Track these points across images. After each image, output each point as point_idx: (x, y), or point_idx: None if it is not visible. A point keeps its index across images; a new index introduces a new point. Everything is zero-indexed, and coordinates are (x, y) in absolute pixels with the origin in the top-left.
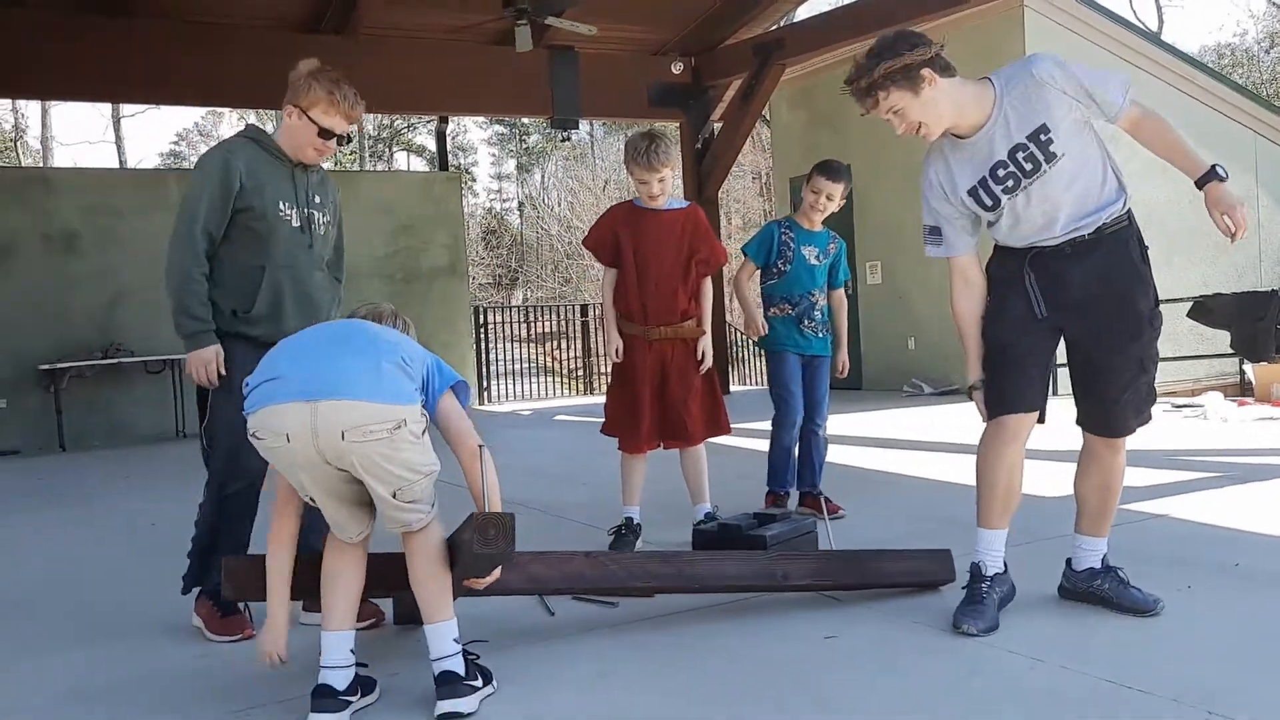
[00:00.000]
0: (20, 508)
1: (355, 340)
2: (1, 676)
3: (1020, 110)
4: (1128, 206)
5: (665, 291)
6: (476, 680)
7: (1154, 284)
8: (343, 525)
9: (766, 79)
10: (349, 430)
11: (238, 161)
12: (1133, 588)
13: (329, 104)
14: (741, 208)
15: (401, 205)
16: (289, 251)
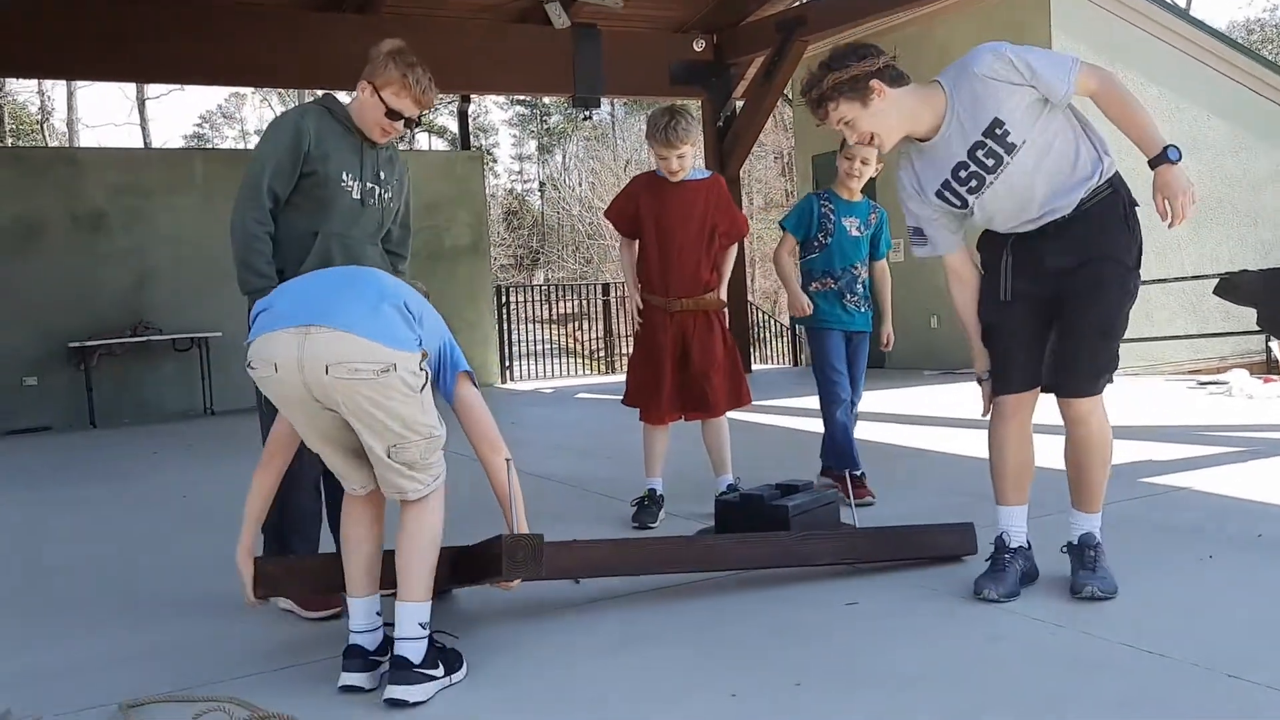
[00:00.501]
0: (54, 481)
1: (359, 282)
2: (38, 641)
3: (971, 110)
4: (1109, 175)
5: (687, 262)
6: (436, 669)
7: (1136, 248)
8: (344, 474)
9: (789, 57)
10: (334, 364)
11: (308, 125)
12: (1089, 570)
13: (401, 86)
14: (763, 187)
15: (424, 185)
16: (344, 222)
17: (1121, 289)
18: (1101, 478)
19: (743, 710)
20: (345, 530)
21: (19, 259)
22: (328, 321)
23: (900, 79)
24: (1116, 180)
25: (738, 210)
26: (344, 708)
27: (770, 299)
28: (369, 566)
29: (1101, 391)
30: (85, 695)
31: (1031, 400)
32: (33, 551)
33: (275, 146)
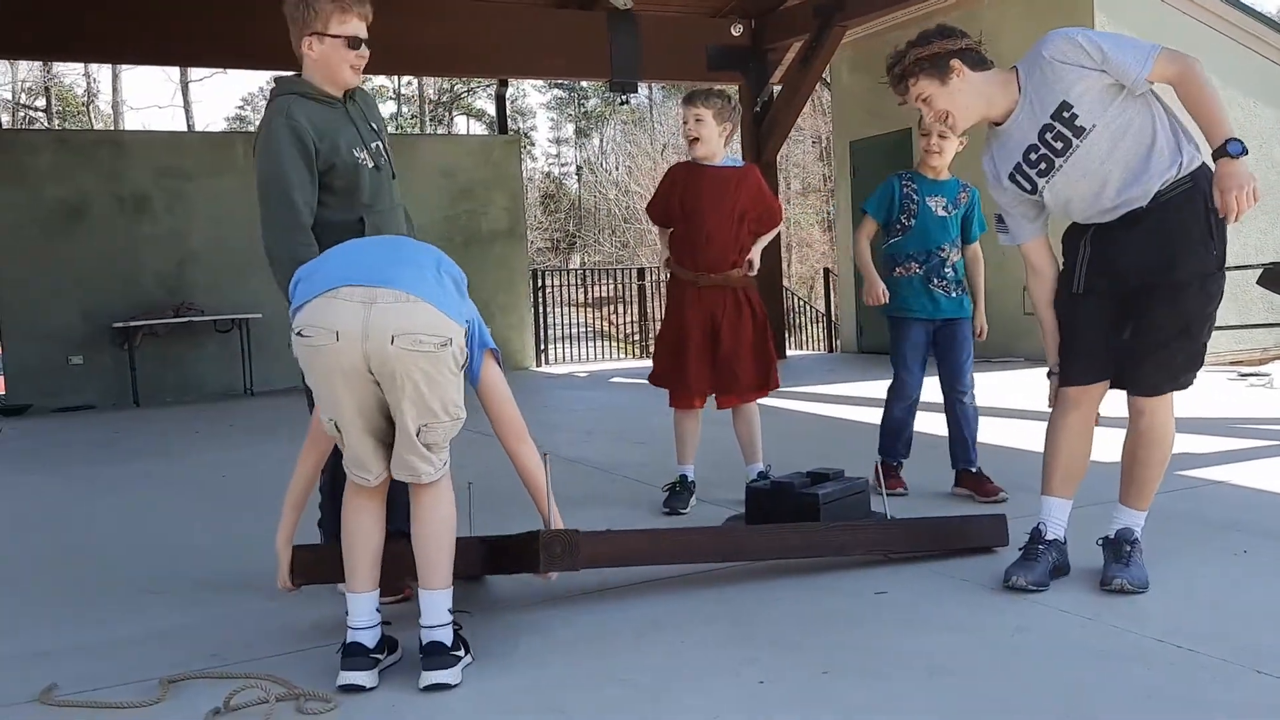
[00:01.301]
0: (99, 459)
1: (413, 248)
2: (80, 618)
3: (1041, 93)
4: (1191, 168)
5: (716, 247)
6: (460, 650)
7: (1218, 248)
8: (364, 461)
9: (827, 41)
10: (400, 335)
11: (304, 124)
12: (1122, 563)
13: (341, 11)
14: (801, 171)
15: (461, 169)
16: (376, 196)
17: (1202, 290)
18: (1156, 475)
19: (770, 696)
20: (351, 523)
21: (65, 240)
22: (395, 284)
23: (982, 63)
24: (1200, 175)
25: (772, 199)
26: (382, 691)
27: (806, 284)
28: (375, 560)
29: (1180, 389)
30: (125, 671)
31: (1097, 395)
32: (76, 528)
33: (287, 161)
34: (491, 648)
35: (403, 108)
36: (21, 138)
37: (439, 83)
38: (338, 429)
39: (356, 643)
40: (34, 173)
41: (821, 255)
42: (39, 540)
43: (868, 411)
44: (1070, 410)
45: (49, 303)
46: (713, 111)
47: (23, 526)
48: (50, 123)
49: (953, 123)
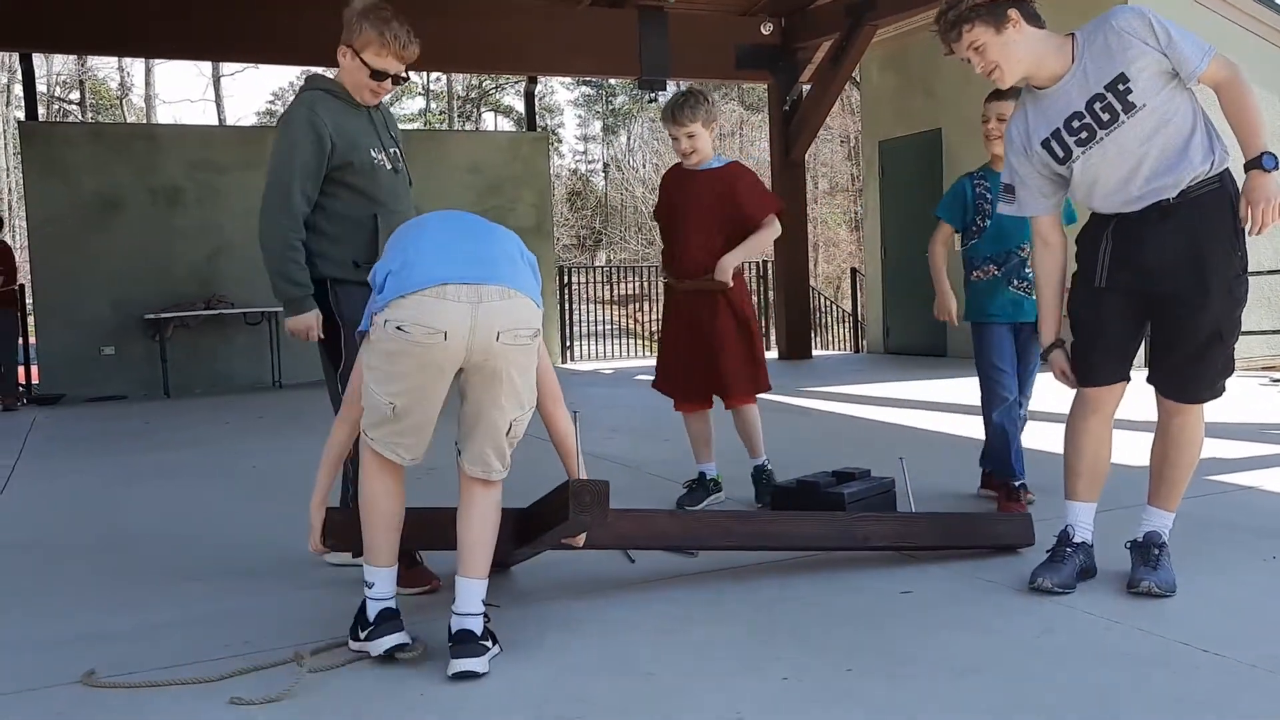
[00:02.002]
0: (131, 448)
1: (492, 234)
2: (117, 604)
3: (1099, 61)
4: (1220, 169)
5: (691, 246)
6: (488, 640)
7: (1242, 252)
8: (416, 443)
9: (858, 40)
10: (505, 330)
11: (324, 120)
12: (1150, 566)
13: (380, 45)
14: (829, 171)
15: (489, 165)
16: (393, 196)
17: (1229, 295)
18: (1185, 476)
19: (793, 693)
20: (378, 500)
21: (99, 232)
22: (497, 280)
23: (1037, 19)
24: (1227, 177)
25: (762, 193)
26: (408, 679)
27: (832, 284)
28: (398, 530)
29: (1217, 397)
30: (162, 656)
31: (1117, 396)
32: (110, 516)
33: (299, 150)
34: (519, 639)
35: (431, 104)
36: (58, 131)
37: (468, 79)
38: (394, 413)
39: (389, 608)
40: (70, 165)
41: (848, 255)
42: (74, 528)
43: (895, 412)
44: (1091, 414)
45: (82, 294)
46: (701, 121)
47: (58, 514)
48: (84, 116)
49: (1000, 75)
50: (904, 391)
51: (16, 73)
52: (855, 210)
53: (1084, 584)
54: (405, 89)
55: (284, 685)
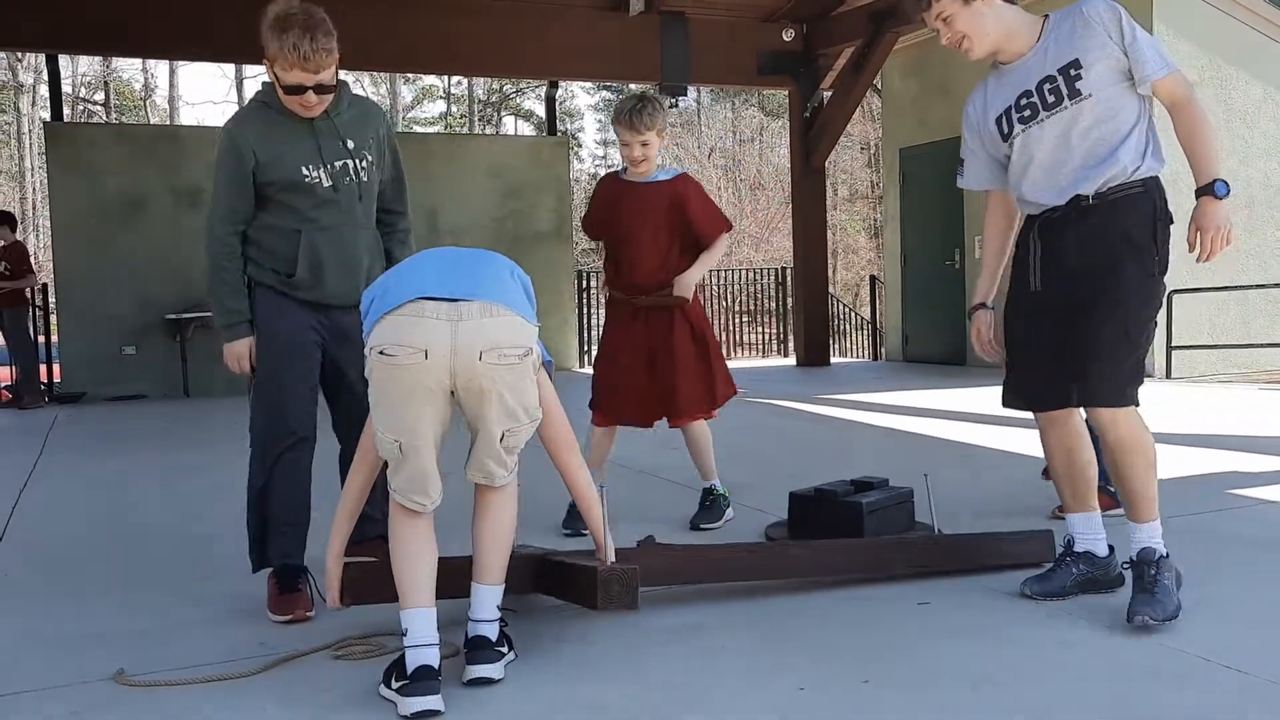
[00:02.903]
0: (150, 448)
1: (479, 256)
2: (136, 603)
3: (1061, 44)
4: (1145, 175)
5: (645, 267)
6: (504, 646)
7: (1157, 257)
8: (429, 482)
9: (879, 47)
10: (488, 350)
11: (247, 136)
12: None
13: (281, 59)
14: (849, 178)
15: (509, 169)
16: (323, 213)
17: (1142, 293)
18: (1141, 484)
19: (810, 704)
20: (408, 545)
21: (122, 232)
22: (479, 295)
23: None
24: (1153, 186)
25: (710, 211)
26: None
27: (852, 291)
28: (431, 577)
29: (1127, 405)
30: (180, 655)
31: (1064, 414)
32: (130, 516)
33: (222, 170)
34: (534, 646)
35: (453, 107)
36: (82, 131)
37: (488, 83)
38: (402, 451)
39: (425, 665)
40: (94, 166)
41: (867, 262)
42: (93, 526)
43: (913, 421)
44: (1047, 431)
45: (104, 293)
46: (657, 129)
47: (78, 512)
48: (108, 117)
49: (969, 47)
50: (923, 400)
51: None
52: (875, 217)
53: (1102, 596)
54: (426, 93)
55: (304, 681)
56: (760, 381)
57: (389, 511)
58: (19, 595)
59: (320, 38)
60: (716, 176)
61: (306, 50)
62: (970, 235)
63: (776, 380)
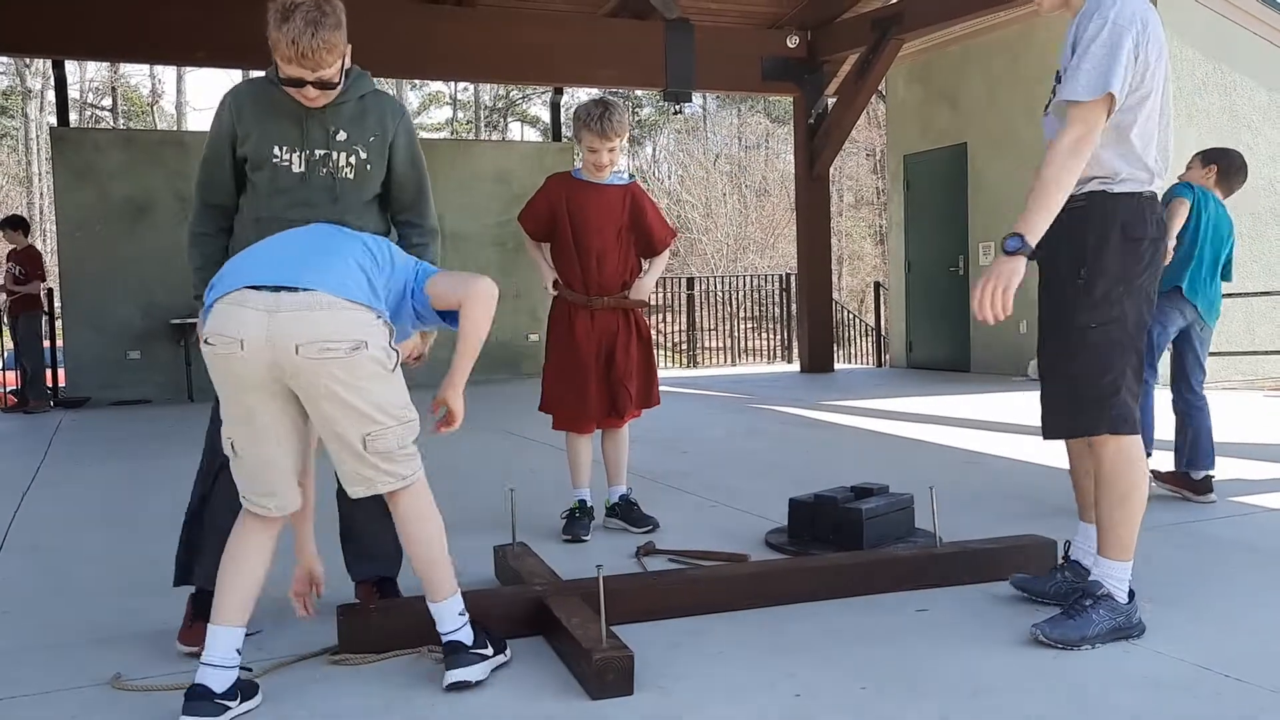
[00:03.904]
0: (153, 453)
1: (326, 236)
2: (137, 605)
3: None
4: (1090, 189)
5: (609, 269)
6: (486, 648)
7: (1087, 283)
8: (268, 485)
9: (884, 54)
10: (305, 343)
11: (235, 102)
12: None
13: (280, 51)
14: (854, 184)
15: (515, 175)
16: (284, 201)
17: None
18: (1118, 520)
19: (807, 710)
20: (234, 548)
21: (128, 237)
22: (300, 283)
23: None
24: (1119, 202)
25: (659, 220)
26: (420, 692)
27: (856, 298)
28: (249, 595)
29: (1100, 431)
30: (179, 661)
31: None
32: (132, 520)
33: (210, 138)
34: (531, 653)
35: (459, 113)
36: (89, 136)
37: (494, 89)
38: (235, 450)
39: (201, 685)
40: (100, 171)
41: (872, 269)
42: (96, 530)
43: (916, 428)
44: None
45: (110, 298)
46: (623, 135)
47: (80, 517)
48: (116, 122)
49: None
50: (926, 407)
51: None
52: (880, 224)
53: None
54: (432, 99)
55: (301, 686)
56: (764, 388)
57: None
58: (20, 599)
59: (324, 32)
60: (722, 183)
61: (305, 46)
62: (975, 242)
63: (780, 386)
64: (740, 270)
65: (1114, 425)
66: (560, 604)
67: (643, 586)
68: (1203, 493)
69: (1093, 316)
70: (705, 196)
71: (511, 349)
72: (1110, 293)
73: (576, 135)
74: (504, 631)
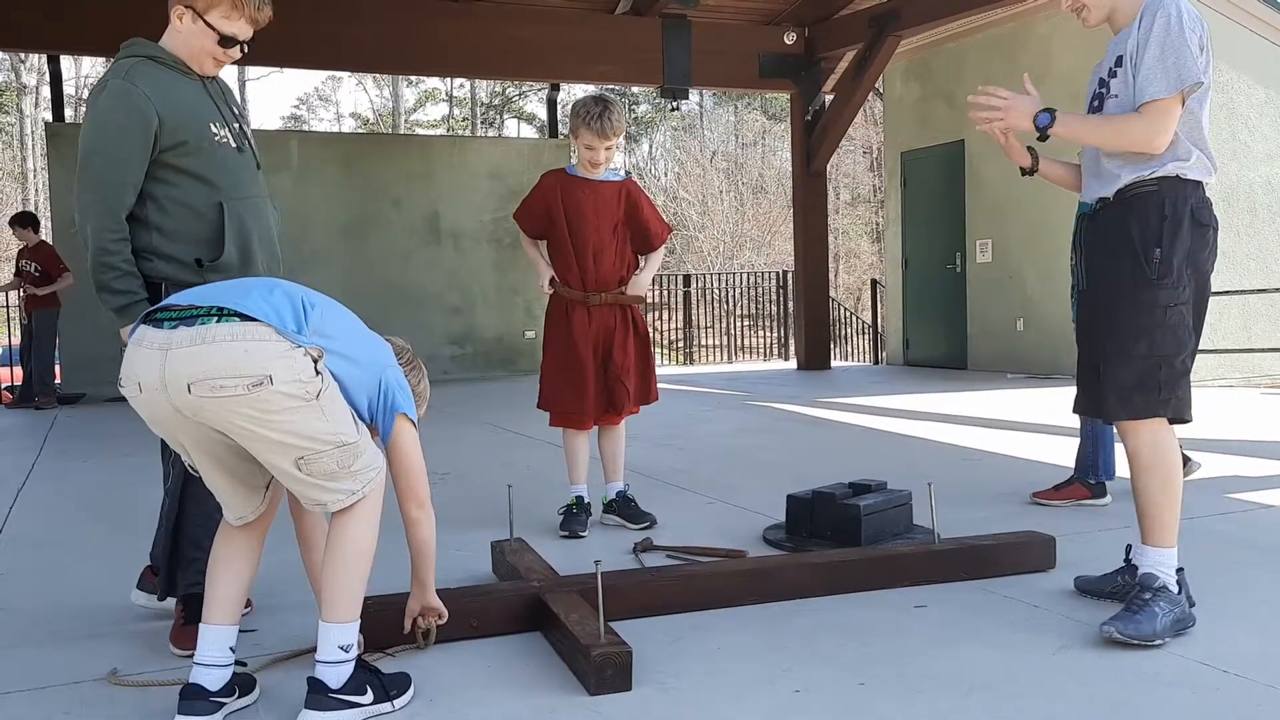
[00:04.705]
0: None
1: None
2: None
3: (1127, 36)
4: (1159, 174)
5: (606, 265)
6: (362, 695)
7: (1160, 258)
8: (227, 502)
9: (881, 51)
10: (195, 382)
11: (146, 92)
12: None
13: (230, 6)
14: (850, 182)
15: (511, 171)
16: (238, 179)
17: (1132, 299)
18: (1151, 504)
19: (806, 706)
20: (218, 549)
21: None
22: (194, 322)
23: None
24: (1169, 185)
25: (656, 217)
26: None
27: (853, 295)
28: (237, 594)
29: (1160, 414)
30: (163, 657)
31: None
32: (126, 515)
33: (120, 134)
34: (528, 648)
35: (455, 110)
36: None
37: (490, 85)
38: (191, 469)
39: (196, 685)
40: None
41: (869, 266)
42: (90, 525)
43: (913, 425)
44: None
45: None
46: (621, 135)
47: (75, 512)
48: None
49: (1086, 15)
50: (923, 404)
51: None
52: (877, 221)
53: (1100, 601)
54: (428, 95)
55: (297, 681)
56: (760, 385)
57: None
58: (15, 594)
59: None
60: (719, 180)
61: (260, 2)
62: (971, 239)
63: (777, 384)
64: (737, 267)
65: (1178, 409)
66: (558, 600)
67: (641, 582)
68: (1099, 495)
69: (1171, 297)
70: (702, 194)
71: (507, 346)
72: (1183, 275)
73: (573, 132)
74: (502, 627)
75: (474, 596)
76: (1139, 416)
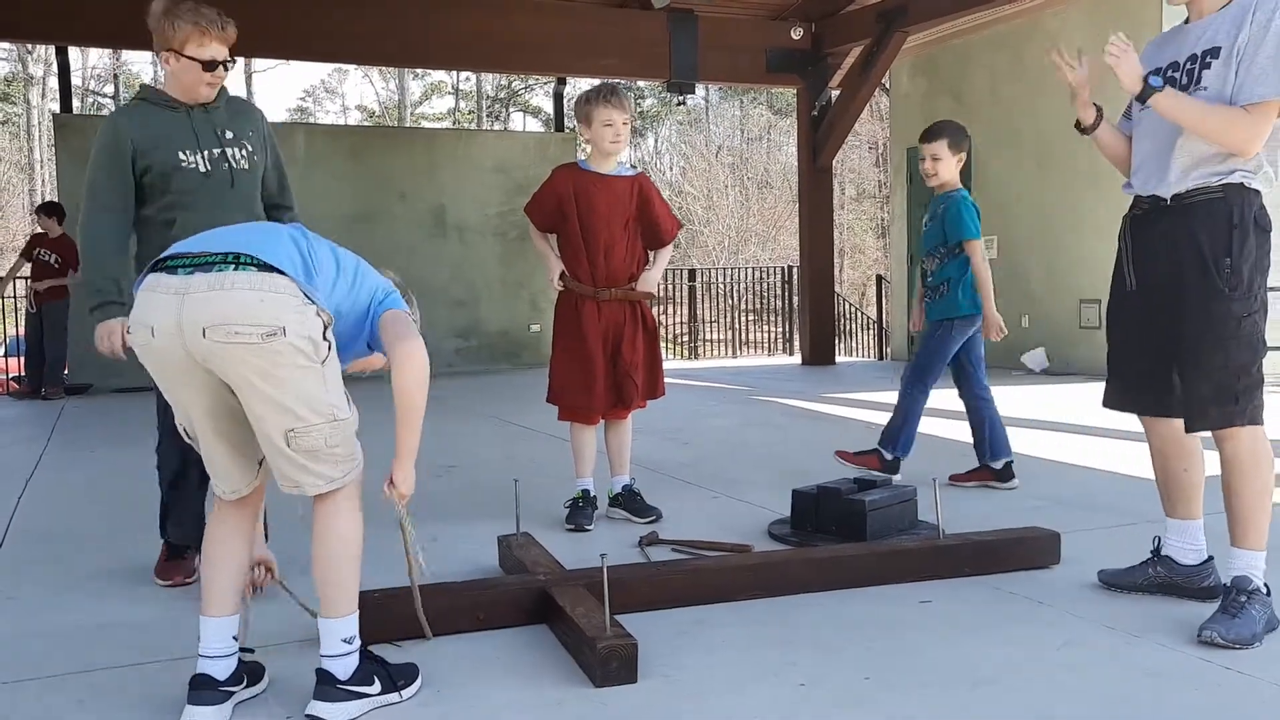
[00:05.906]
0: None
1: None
2: (119, 593)
3: (1222, 25)
4: (1226, 181)
5: (616, 260)
6: (370, 685)
7: (1232, 268)
8: (222, 470)
9: (888, 47)
10: (211, 327)
11: (126, 124)
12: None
13: (199, 34)
14: (856, 177)
15: (517, 165)
16: (201, 200)
17: (1207, 310)
18: (1246, 507)
19: (810, 699)
20: (210, 535)
21: None
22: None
23: None
24: (1234, 193)
25: (667, 213)
26: (429, 679)
27: (858, 291)
28: (232, 583)
29: (1237, 424)
30: (183, 644)
31: (1159, 424)
32: (133, 505)
33: (99, 153)
34: (533, 642)
35: (461, 103)
36: (92, 124)
37: (497, 79)
38: (188, 435)
39: (204, 675)
40: None
41: (874, 262)
42: (97, 516)
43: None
44: (1147, 433)
45: None
46: (631, 114)
47: (82, 502)
48: None
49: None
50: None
51: (52, 66)
52: (882, 217)
53: (1108, 595)
54: (434, 89)
55: (305, 672)
56: (765, 380)
57: None
58: (24, 584)
59: (222, 11)
60: (724, 175)
61: (221, 23)
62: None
63: (781, 379)
64: (742, 262)
65: (1255, 415)
66: (564, 593)
67: (646, 576)
68: (1005, 479)
69: (1245, 306)
70: (707, 188)
71: (512, 339)
72: (1254, 282)
73: (587, 118)
74: (509, 620)
75: (481, 589)
76: (1216, 428)
